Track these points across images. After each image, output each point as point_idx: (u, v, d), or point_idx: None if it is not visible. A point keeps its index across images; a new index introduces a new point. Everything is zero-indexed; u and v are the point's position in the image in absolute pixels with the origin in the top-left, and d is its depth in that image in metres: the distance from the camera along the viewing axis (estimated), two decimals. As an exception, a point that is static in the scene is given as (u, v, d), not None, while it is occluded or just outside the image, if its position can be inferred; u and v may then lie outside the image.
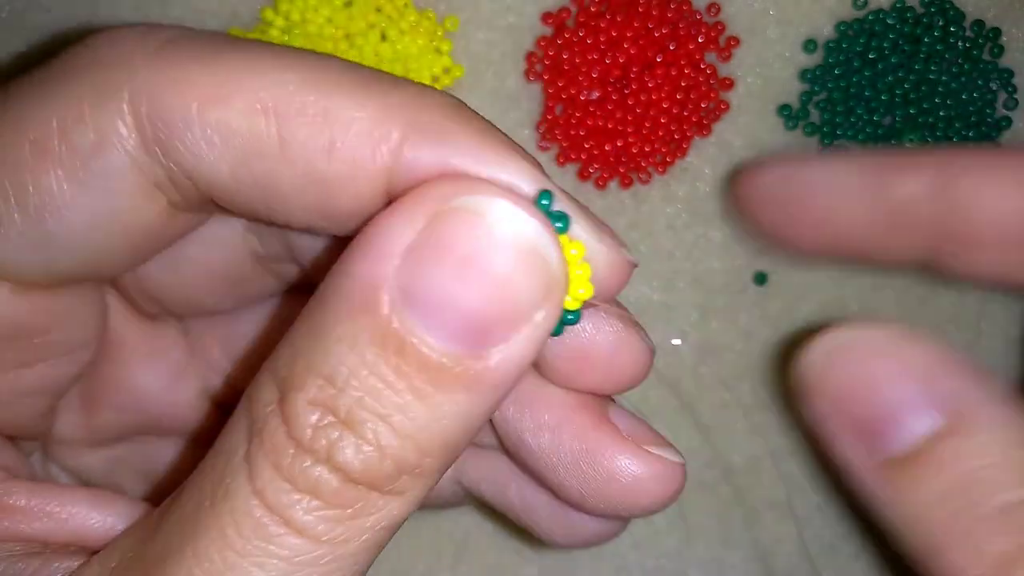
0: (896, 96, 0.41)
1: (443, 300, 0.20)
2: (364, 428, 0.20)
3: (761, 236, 0.32)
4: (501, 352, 0.20)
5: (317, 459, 0.20)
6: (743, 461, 0.42)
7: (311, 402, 0.20)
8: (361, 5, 0.40)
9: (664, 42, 0.40)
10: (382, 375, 0.20)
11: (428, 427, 0.20)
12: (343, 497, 0.20)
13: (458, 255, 0.20)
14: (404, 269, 0.20)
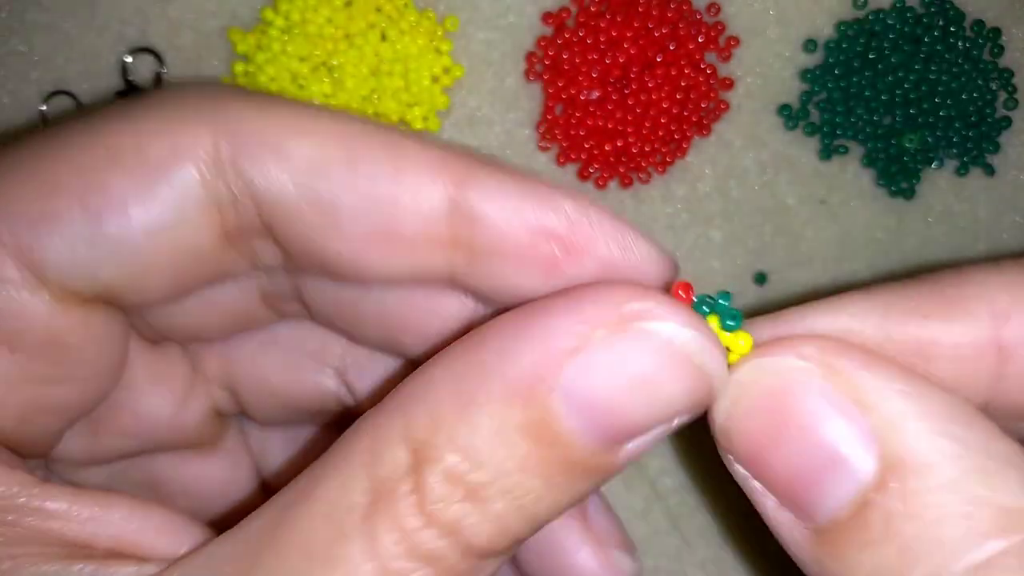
0: (896, 96, 0.41)
1: (609, 409, 0.21)
2: (492, 506, 0.21)
3: None
4: (633, 447, 0.21)
5: (443, 532, 0.21)
6: (743, 461, 0.42)
7: (447, 475, 0.21)
8: (361, 5, 0.40)
9: (664, 42, 0.40)
10: (527, 467, 0.21)
11: (547, 508, 0.21)
12: (457, 570, 0.21)
13: (631, 373, 0.21)
14: (575, 371, 0.21)
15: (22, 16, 0.40)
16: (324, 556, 0.20)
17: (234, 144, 0.23)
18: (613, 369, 0.21)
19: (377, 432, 0.21)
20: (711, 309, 0.24)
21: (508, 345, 0.21)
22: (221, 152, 0.23)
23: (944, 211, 0.42)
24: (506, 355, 0.21)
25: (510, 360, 0.21)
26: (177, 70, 0.40)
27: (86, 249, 0.23)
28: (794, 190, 0.41)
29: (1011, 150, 0.41)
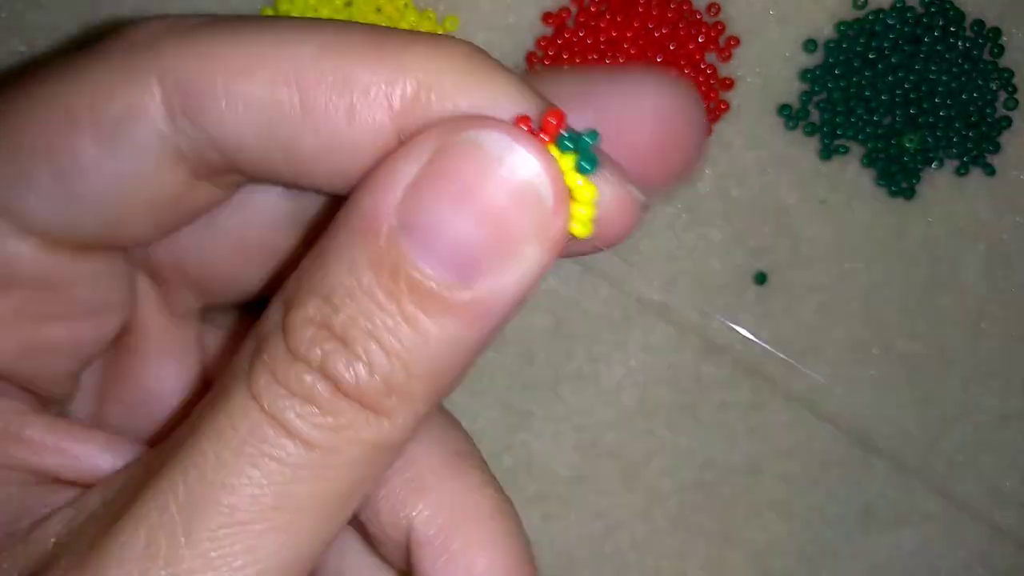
0: (896, 96, 0.41)
1: (437, 228, 0.21)
2: (356, 345, 0.21)
3: None
4: (489, 284, 0.21)
5: (311, 368, 0.21)
6: (743, 461, 0.42)
7: (309, 319, 0.22)
8: (361, 5, 0.40)
9: (664, 42, 0.40)
10: (375, 297, 0.21)
11: (416, 350, 0.21)
12: (334, 407, 0.21)
13: (455, 187, 0.21)
14: (405, 199, 0.21)
15: (22, 16, 0.40)
16: (212, 406, 0.22)
17: (182, 98, 0.24)
18: (439, 188, 0.21)
19: (266, 308, 0.23)
20: (574, 146, 0.23)
21: (354, 195, 0.22)
22: (174, 106, 0.24)
23: (944, 211, 0.42)
24: (351, 203, 0.22)
25: (353, 205, 0.22)
26: (177, 70, 0.40)
27: (59, 208, 0.24)
28: (794, 190, 0.41)
29: (1011, 150, 0.41)
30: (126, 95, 0.24)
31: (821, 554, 0.42)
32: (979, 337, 0.42)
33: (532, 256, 0.22)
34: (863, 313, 0.42)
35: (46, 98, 0.25)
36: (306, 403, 0.21)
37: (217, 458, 0.21)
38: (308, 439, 0.21)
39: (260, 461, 0.21)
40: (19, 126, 0.25)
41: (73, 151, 0.24)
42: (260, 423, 0.21)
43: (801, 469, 0.42)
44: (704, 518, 0.42)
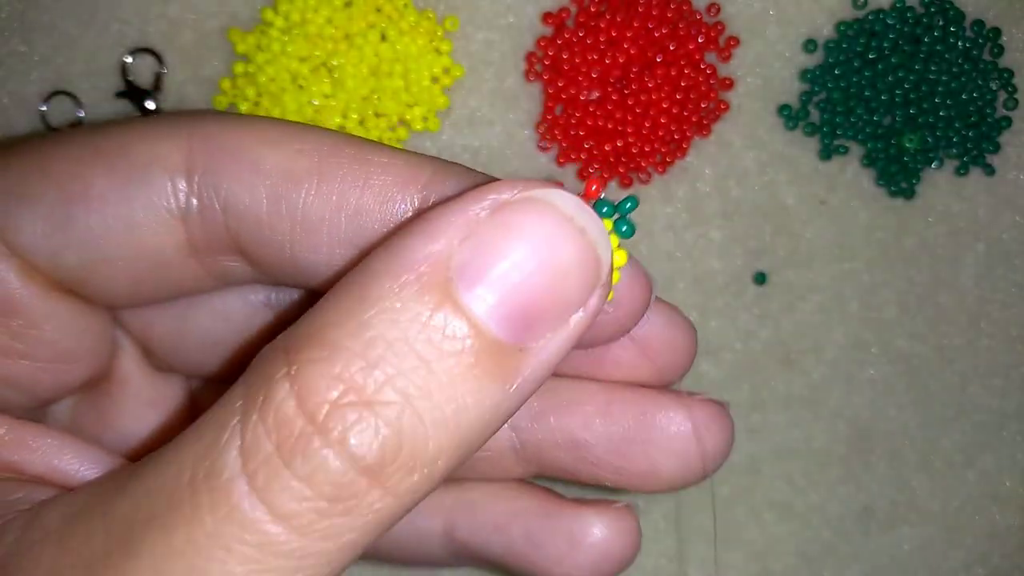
0: (896, 96, 0.41)
1: (498, 281, 0.20)
2: (389, 409, 0.19)
3: None
4: (540, 346, 0.20)
5: (328, 442, 0.19)
6: (743, 461, 0.42)
7: (336, 377, 0.19)
8: (361, 5, 0.40)
9: (664, 42, 0.40)
10: (422, 354, 0.19)
11: (453, 418, 0.20)
12: (342, 488, 0.19)
13: (525, 240, 0.20)
14: (463, 249, 0.20)
15: (22, 16, 0.40)
16: (192, 470, 0.20)
17: (208, 154, 0.24)
18: (509, 238, 0.20)
19: (258, 356, 0.21)
20: (612, 211, 0.23)
21: (400, 243, 0.21)
22: (195, 161, 0.24)
23: (944, 211, 0.42)
24: (394, 248, 0.20)
25: (399, 249, 0.20)
26: (177, 70, 0.40)
27: (53, 231, 0.24)
28: (794, 190, 0.41)
29: (1011, 150, 0.41)
30: (155, 143, 0.24)
31: (821, 554, 0.42)
32: (978, 337, 0.42)
33: (579, 321, 0.21)
34: (863, 313, 0.42)
35: (79, 137, 0.25)
36: (308, 485, 0.19)
37: (189, 539, 0.19)
38: (299, 527, 0.19)
39: (236, 547, 0.19)
40: (46, 153, 0.25)
41: (87, 180, 0.24)
42: (245, 505, 0.19)
43: (801, 469, 0.42)
44: (704, 518, 0.42)
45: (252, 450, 0.19)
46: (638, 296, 0.26)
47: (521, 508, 0.30)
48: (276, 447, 0.19)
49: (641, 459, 0.28)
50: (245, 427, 0.20)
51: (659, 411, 0.28)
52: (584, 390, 0.28)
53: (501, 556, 0.30)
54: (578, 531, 0.29)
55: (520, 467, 0.29)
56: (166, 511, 0.20)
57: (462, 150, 0.41)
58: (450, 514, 0.30)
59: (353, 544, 0.20)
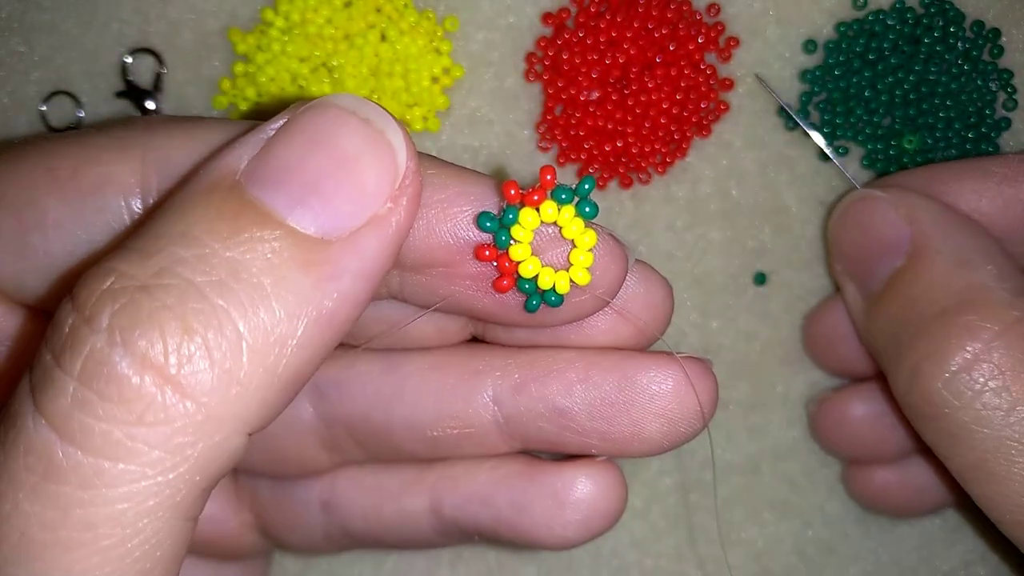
0: (896, 96, 0.41)
1: (288, 174, 0.20)
2: (167, 292, 0.18)
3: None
4: (350, 240, 0.20)
5: (94, 328, 0.18)
6: (743, 461, 0.42)
7: (109, 269, 0.19)
8: (361, 5, 0.40)
9: (664, 42, 0.40)
10: (207, 243, 0.18)
11: (250, 304, 0.19)
12: (120, 385, 0.18)
13: (308, 135, 0.20)
14: (253, 159, 0.20)
15: (22, 16, 0.40)
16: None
17: (160, 170, 0.24)
18: (291, 138, 0.20)
19: None
20: (571, 196, 0.24)
21: (194, 173, 0.21)
22: (149, 181, 0.24)
23: (944, 211, 0.42)
24: (191, 177, 0.21)
25: (194, 178, 0.21)
26: (177, 70, 0.40)
27: (13, 259, 0.24)
28: (794, 190, 0.41)
29: (1010, 150, 0.41)
30: (108, 163, 0.24)
31: (821, 554, 0.42)
32: (979, 337, 0.42)
33: (389, 215, 0.20)
34: (863, 313, 0.42)
35: (32, 157, 0.25)
36: (86, 383, 0.18)
37: (4, 480, 0.18)
38: (84, 440, 0.17)
39: (24, 479, 0.17)
40: (2, 179, 0.24)
41: (42, 207, 0.24)
42: (29, 419, 0.18)
43: (801, 469, 0.42)
44: (704, 518, 0.42)
45: (36, 363, 0.19)
46: (614, 268, 0.26)
47: (503, 475, 0.30)
48: (51, 350, 0.18)
49: (625, 422, 0.28)
50: (39, 348, 0.19)
51: (639, 372, 0.27)
52: (563, 358, 0.28)
53: (490, 527, 0.30)
54: (562, 489, 0.29)
55: (505, 443, 0.29)
56: None
57: (462, 150, 0.41)
58: (434, 491, 0.30)
59: (158, 467, 0.18)
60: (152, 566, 0.18)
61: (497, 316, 0.27)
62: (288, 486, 0.32)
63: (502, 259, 0.25)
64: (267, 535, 0.33)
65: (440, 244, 0.25)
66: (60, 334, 0.18)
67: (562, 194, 0.24)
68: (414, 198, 0.21)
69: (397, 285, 0.27)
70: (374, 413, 0.29)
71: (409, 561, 0.42)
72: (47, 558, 0.17)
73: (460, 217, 0.25)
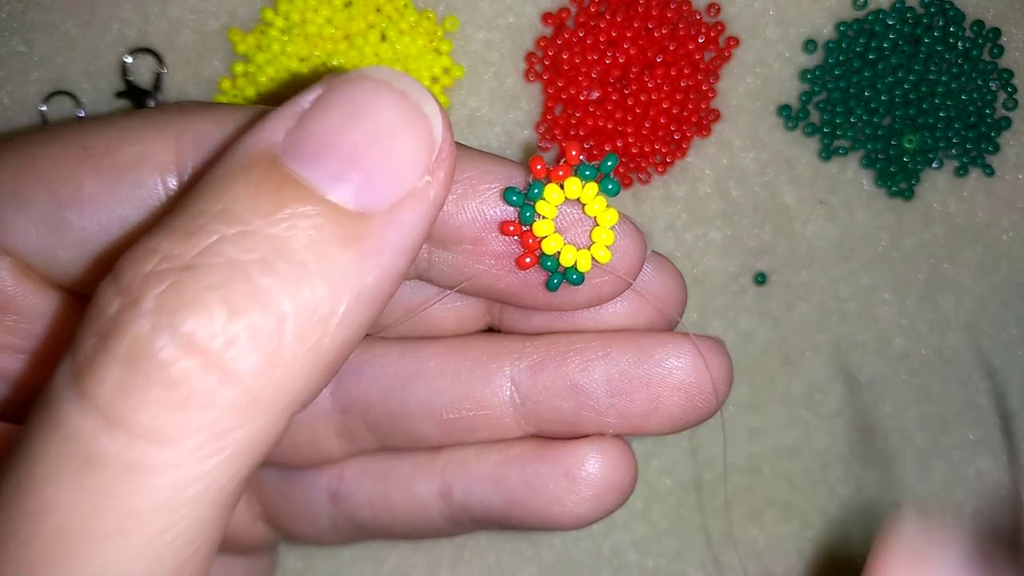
0: (896, 96, 0.41)
1: (330, 146, 0.20)
2: (211, 273, 0.18)
3: None
4: (390, 213, 0.20)
5: (140, 311, 0.17)
6: (743, 461, 0.42)
7: (151, 249, 0.18)
8: (361, 5, 0.40)
9: (664, 42, 0.40)
10: (248, 220, 0.18)
11: (294, 281, 0.18)
12: (169, 369, 0.17)
13: (344, 109, 0.20)
14: (290, 132, 0.20)
15: (22, 16, 0.40)
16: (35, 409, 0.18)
17: (195, 150, 0.24)
18: (327, 110, 0.20)
19: None
20: (595, 173, 0.24)
21: (230, 147, 0.21)
22: (184, 157, 0.24)
23: (943, 211, 0.42)
24: (228, 152, 0.20)
25: (231, 152, 0.20)
26: (177, 70, 0.40)
27: (47, 233, 0.24)
28: (794, 190, 0.41)
29: (1010, 150, 0.41)
30: (144, 142, 0.24)
31: (821, 554, 0.42)
32: (978, 337, 0.42)
33: (427, 189, 0.20)
34: (863, 313, 0.42)
35: (67, 136, 0.25)
36: (131, 369, 0.17)
37: (26, 471, 0.17)
38: (129, 424, 0.17)
39: (66, 467, 0.17)
40: (34, 156, 0.25)
41: (78, 183, 0.24)
42: (68, 408, 0.17)
43: (801, 469, 0.42)
44: (704, 518, 0.42)
45: (76, 347, 0.18)
46: (633, 251, 0.26)
47: (514, 455, 0.29)
48: (96, 336, 0.18)
49: (643, 397, 0.28)
50: (76, 331, 0.18)
51: (657, 347, 0.28)
52: (581, 339, 0.28)
53: (501, 509, 0.30)
54: (574, 465, 0.29)
55: (519, 427, 0.29)
56: (19, 444, 0.18)
57: (462, 150, 0.41)
58: (444, 475, 0.30)
59: (203, 451, 0.18)
60: (191, 555, 0.18)
61: (519, 296, 0.27)
62: (296, 476, 0.32)
63: (525, 236, 0.26)
64: (275, 526, 0.33)
65: (468, 220, 0.25)
66: (103, 316, 0.18)
67: (586, 171, 0.25)
68: (450, 171, 0.21)
69: (425, 263, 0.27)
70: (391, 395, 0.29)
71: (410, 561, 0.42)
72: (86, 546, 0.17)
73: (488, 194, 0.25)
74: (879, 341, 0.42)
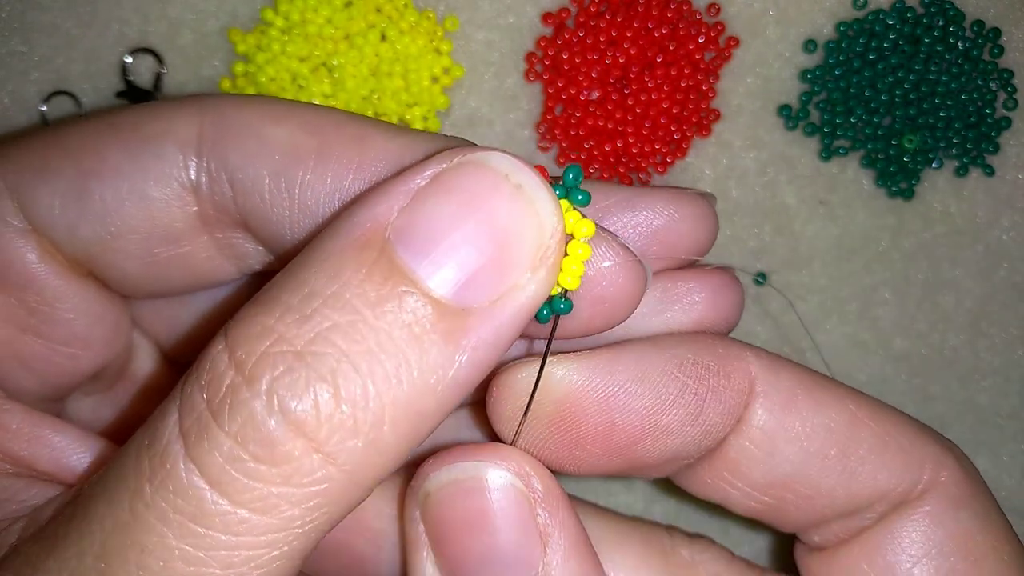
0: (896, 96, 0.41)
1: (436, 239, 0.20)
2: (322, 366, 0.19)
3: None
4: (485, 306, 0.20)
5: (255, 392, 0.19)
6: (743, 461, 0.42)
7: (269, 329, 0.19)
8: (361, 5, 0.40)
9: (664, 42, 0.40)
10: (358, 309, 0.19)
11: (395, 375, 0.19)
12: (274, 447, 0.19)
13: (460, 198, 0.20)
14: (403, 212, 0.20)
15: (22, 16, 0.40)
16: (135, 443, 0.20)
17: (217, 129, 0.25)
18: (444, 196, 0.20)
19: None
20: (562, 193, 0.23)
21: (346, 212, 0.21)
22: (205, 135, 0.25)
23: (943, 211, 0.42)
24: (340, 219, 0.21)
25: (344, 220, 0.21)
26: (177, 70, 0.40)
27: (70, 203, 0.25)
28: (794, 190, 0.41)
29: (1010, 150, 0.41)
30: (167, 119, 0.25)
31: (821, 554, 0.42)
32: (979, 337, 0.42)
33: (529, 287, 0.20)
34: (862, 313, 0.42)
35: (96, 117, 0.26)
36: (242, 443, 0.19)
37: (132, 512, 0.19)
38: (235, 490, 0.19)
39: (173, 518, 0.19)
40: (67, 130, 0.26)
41: (103, 154, 0.25)
42: (180, 464, 0.19)
43: (801, 469, 0.42)
44: (704, 518, 0.42)
45: (187, 408, 0.19)
46: (629, 287, 0.25)
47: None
48: (207, 402, 0.19)
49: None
50: (184, 388, 0.20)
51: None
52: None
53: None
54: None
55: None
56: (115, 484, 0.20)
57: (462, 150, 0.41)
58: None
59: (298, 523, 0.19)
60: None
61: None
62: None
63: None
64: None
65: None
66: (217, 387, 0.19)
67: (555, 189, 0.24)
68: (552, 269, 0.21)
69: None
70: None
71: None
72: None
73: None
74: (879, 341, 0.42)
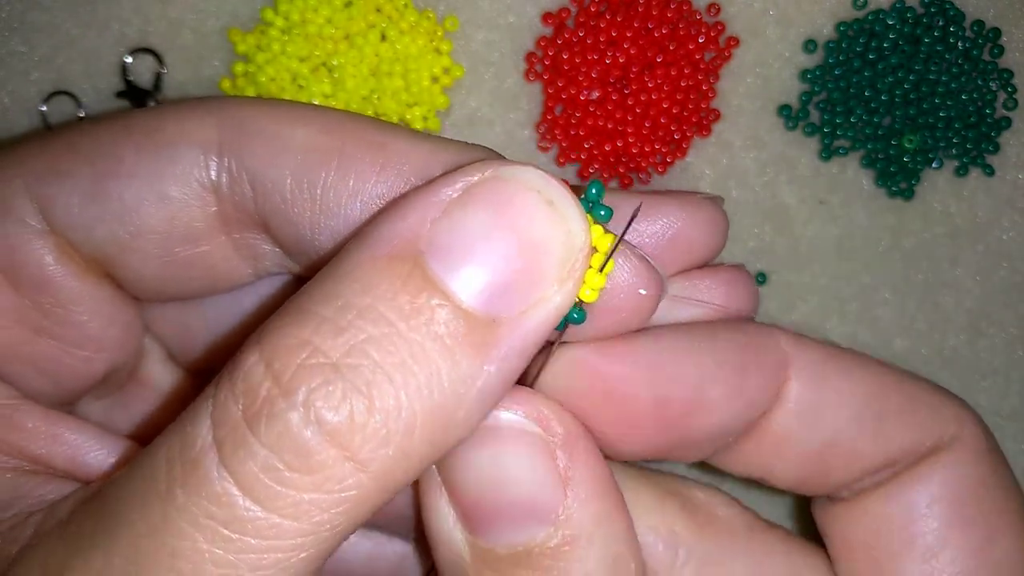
0: (896, 96, 0.41)
1: (468, 251, 0.20)
2: (357, 373, 0.19)
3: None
4: (514, 317, 0.20)
5: (292, 403, 0.19)
6: (743, 461, 0.42)
7: (305, 341, 0.20)
8: (361, 5, 0.40)
9: (664, 42, 0.40)
10: (391, 321, 0.20)
11: (427, 385, 0.20)
12: (309, 456, 0.19)
13: (492, 211, 0.21)
14: (435, 223, 0.21)
15: (22, 16, 0.40)
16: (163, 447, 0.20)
17: (236, 131, 0.25)
18: (475, 209, 0.21)
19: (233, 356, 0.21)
20: (585, 206, 0.23)
21: (376, 222, 0.21)
22: (225, 137, 0.25)
23: (943, 211, 0.42)
24: (370, 229, 0.21)
25: (374, 230, 0.21)
26: (177, 70, 0.40)
27: (87, 205, 0.25)
28: (794, 190, 0.41)
29: (1010, 150, 0.41)
30: (184, 121, 0.25)
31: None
32: (979, 337, 0.42)
33: (556, 299, 0.21)
34: (862, 313, 0.42)
35: (110, 119, 0.26)
36: (275, 449, 0.19)
37: (163, 516, 0.19)
38: (268, 497, 0.19)
39: (205, 523, 0.19)
40: (77, 134, 0.26)
41: (119, 156, 0.25)
42: (213, 472, 0.19)
43: (801, 469, 0.42)
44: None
45: (221, 418, 0.20)
46: (646, 299, 0.25)
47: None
48: (243, 412, 0.20)
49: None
50: (217, 397, 0.20)
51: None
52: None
53: None
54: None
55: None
56: (145, 488, 0.20)
57: (462, 150, 0.41)
58: None
59: (327, 527, 0.20)
60: None
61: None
62: None
63: None
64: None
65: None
66: (253, 398, 0.19)
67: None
68: (579, 281, 0.22)
69: None
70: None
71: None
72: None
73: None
74: (879, 341, 0.42)
